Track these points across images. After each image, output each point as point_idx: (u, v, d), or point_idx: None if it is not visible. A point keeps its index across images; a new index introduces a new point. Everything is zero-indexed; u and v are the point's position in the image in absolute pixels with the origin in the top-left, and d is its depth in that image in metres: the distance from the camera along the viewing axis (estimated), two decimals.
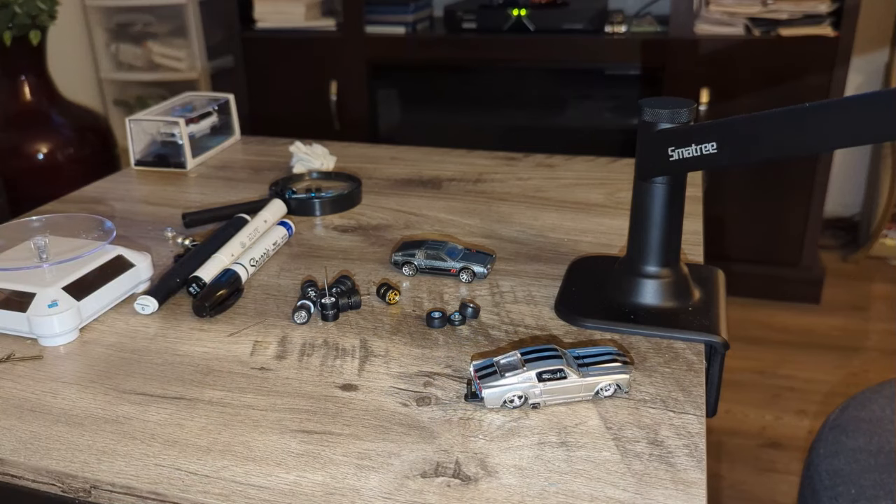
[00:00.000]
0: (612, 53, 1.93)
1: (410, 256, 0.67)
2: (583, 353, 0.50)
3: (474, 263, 0.65)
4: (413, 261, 0.66)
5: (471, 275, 0.65)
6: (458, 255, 0.66)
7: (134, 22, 2.48)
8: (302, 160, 0.95)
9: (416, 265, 0.66)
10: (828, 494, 0.80)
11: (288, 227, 0.75)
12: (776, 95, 1.82)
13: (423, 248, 0.67)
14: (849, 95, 0.44)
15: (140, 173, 0.98)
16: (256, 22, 2.15)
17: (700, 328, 0.55)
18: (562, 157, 0.99)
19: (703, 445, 0.45)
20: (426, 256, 0.66)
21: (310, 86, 2.13)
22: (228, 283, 0.63)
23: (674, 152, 0.52)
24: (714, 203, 1.93)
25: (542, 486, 0.42)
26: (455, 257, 0.66)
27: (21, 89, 1.92)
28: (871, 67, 2.20)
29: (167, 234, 0.77)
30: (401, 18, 2.05)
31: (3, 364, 0.56)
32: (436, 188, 0.89)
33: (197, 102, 1.05)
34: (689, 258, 0.69)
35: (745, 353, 1.81)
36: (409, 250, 0.67)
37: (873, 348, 1.82)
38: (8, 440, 0.47)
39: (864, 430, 0.86)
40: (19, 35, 1.83)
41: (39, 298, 0.57)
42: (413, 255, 0.67)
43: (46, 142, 1.91)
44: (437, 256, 0.66)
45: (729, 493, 1.40)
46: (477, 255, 0.67)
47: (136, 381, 0.53)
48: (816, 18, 1.78)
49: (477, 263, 0.65)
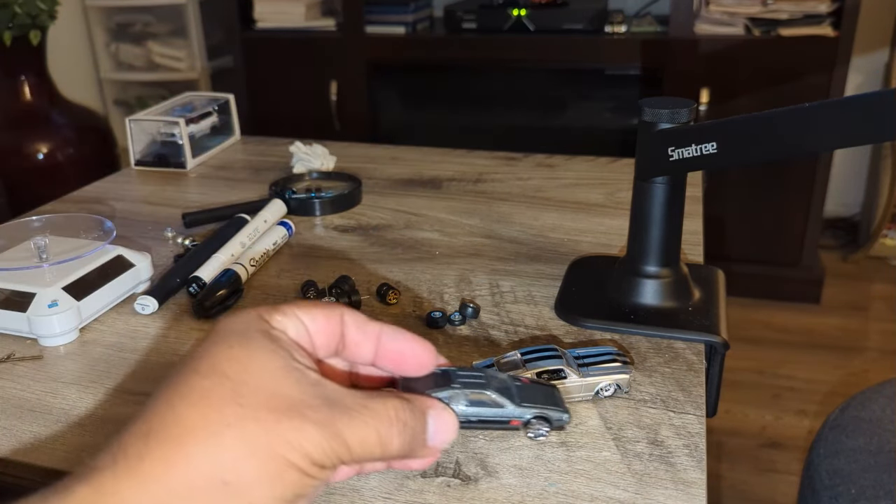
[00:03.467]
0: (612, 53, 1.93)
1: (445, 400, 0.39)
2: (583, 353, 0.50)
3: (546, 406, 0.41)
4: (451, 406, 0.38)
5: (544, 425, 0.41)
6: (513, 393, 0.40)
7: (134, 22, 2.48)
8: (302, 160, 0.95)
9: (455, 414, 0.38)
10: (828, 494, 0.80)
11: (288, 227, 0.75)
12: (776, 95, 1.82)
13: (456, 387, 0.38)
14: (849, 95, 0.44)
15: (140, 173, 0.98)
16: (256, 22, 2.15)
17: (700, 328, 0.55)
18: (562, 157, 0.99)
19: (703, 445, 0.45)
20: (469, 401, 0.38)
21: (310, 86, 2.13)
22: (228, 283, 0.63)
23: (674, 152, 0.52)
24: (714, 203, 1.93)
25: (542, 486, 0.42)
26: (510, 397, 0.40)
27: (21, 89, 1.92)
28: (871, 67, 2.20)
29: (167, 234, 0.77)
30: (401, 18, 2.05)
31: (3, 364, 0.56)
32: (436, 188, 0.89)
33: (197, 102, 1.05)
34: (689, 258, 0.69)
35: (745, 353, 1.81)
36: (439, 390, 0.38)
37: (873, 348, 1.82)
38: (8, 440, 0.47)
39: (864, 430, 0.86)
40: (19, 35, 1.83)
41: (39, 298, 0.57)
42: (447, 397, 0.38)
43: (46, 142, 1.91)
44: (483, 398, 0.39)
45: (729, 493, 1.40)
46: (538, 390, 0.42)
47: (136, 381, 0.53)
48: (816, 18, 1.78)
49: (548, 405, 0.41)
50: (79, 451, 0.46)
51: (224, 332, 0.32)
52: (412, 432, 0.32)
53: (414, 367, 0.37)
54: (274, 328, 0.32)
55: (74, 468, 0.30)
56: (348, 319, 0.35)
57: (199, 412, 0.28)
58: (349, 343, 0.35)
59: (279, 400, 0.29)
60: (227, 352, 0.30)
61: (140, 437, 0.28)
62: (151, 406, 0.29)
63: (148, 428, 0.28)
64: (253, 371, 0.30)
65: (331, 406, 0.30)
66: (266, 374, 0.30)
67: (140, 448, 0.28)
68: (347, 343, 0.35)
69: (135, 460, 0.27)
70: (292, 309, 0.34)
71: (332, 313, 0.35)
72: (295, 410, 0.29)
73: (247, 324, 0.32)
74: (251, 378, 0.29)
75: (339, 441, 0.29)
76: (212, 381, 0.29)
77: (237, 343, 0.31)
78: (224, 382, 0.29)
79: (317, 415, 0.29)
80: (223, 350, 0.30)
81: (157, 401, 0.29)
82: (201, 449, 0.27)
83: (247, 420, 0.28)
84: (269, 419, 0.28)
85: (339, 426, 0.30)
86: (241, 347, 0.31)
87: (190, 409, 0.28)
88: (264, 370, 0.30)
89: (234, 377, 0.29)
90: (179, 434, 0.28)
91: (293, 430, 0.29)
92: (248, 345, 0.31)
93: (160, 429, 0.28)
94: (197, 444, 0.28)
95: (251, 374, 0.30)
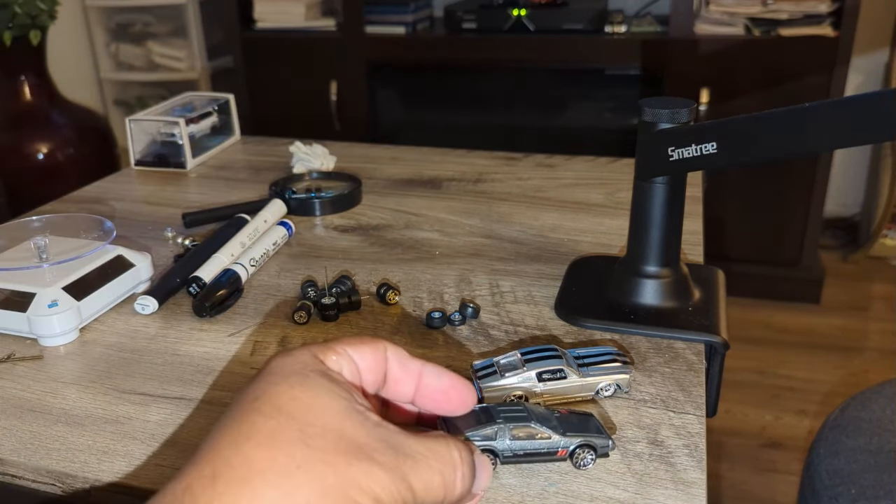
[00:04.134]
0: (612, 54, 1.93)
1: (487, 440, 0.40)
2: (583, 353, 0.50)
3: (590, 434, 0.42)
4: (496, 448, 0.40)
5: (591, 454, 0.42)
6: (555, 424, 0.41)
7: (134, 22, 2.48)
8: (302, 160, 0.95)
9: (499, 455, 0.40)
10: (828, 494, 0.80)
11: (288, 227, 0.75)
12: (776, 95, 1.82)
13: (500, 422, 0.39)
14: (849, 95, 0.44)
15: (140, 173, 0.98)
16: (256, 22, 2.15)
17: (700, 328, 0.55)
18: (562, 157, 0.99)
19: (703, 445, 0.45)
20: (513, 436, 0.40)
21: (310, 86, 2.13)
22: (228, 283, 0.63)
23: (674, 152, 0.52)
24: (714, 203, 1.93)
25: (542, 486, 0.42)
26: (553, 427, 0.41)
27: (21, 89, 1.92)
28: (871, 67, 2.20)
29: (167, 234, 0.77)
30: (401, 18, 2.05)
31: (3, 364, 0.56)
32: (436, 188, 0.89)
33: (197, 102, 1.05)
34: (689, 258, 0.69)
35: (745, 353, 1.81)
36: (482, 427, 0.39)
37: (873, 348, 1.82)
38: (8, 440, 0.47)
39: (864, 430, 0.86)
40: (19, 35, 1.83)
41: (39, 298, 0.57)
42: (492, 434, 0.39)
43: (46, 142, 1.91)
44: (529, 431, 0.40)
45: (729, 493, 1.40)
46: (578, 419, 0.43)
47: (136, 381, 0.53)
48: (816, 18, 1.78)
49: (591, 433, 0.42)
50: (79, 451, 0.46)
51: (281, 372, 0.31)
52: (472, 476, 0.32)
53: (456, 407, 0.36)
54: (331, 369, 0.32)
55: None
56: (391, 356, 0.35)
57: (266, 453, 0.27)
58: (390, 380, 0.35)
59: (347, 442, 0.29)
60: (289, 392, 0.30)
61: (206, 480, 0.27)
62: (213, 446, 0.28)
63: (213, 470, 0.27)
64: (318, 412, 0.29)
65: (396, 450, 0.30)
66: (331, 415, 0.29)
67: (208, 492, 0.27)
68: (388, 380, 0.35)
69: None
70: (343, 347, 0.33)
71: (378, 350, 0.34)
72: (363, 454, 0.29)
73: (303, 364, 0.31)
74: (317, 419, 0.29)
75: (406, 485, 0.29)
76: (277, 421, 0.28)
77: (298, 384, 0.30)
78: (290, 423, 0.28)
79: (384, 458, 0.29)
80: (285, 390, 0.30)
81: (220, 441, 0.28)
82: (272, 491, 0.27)
83: (316, 462, 0.28)
84: (340, 462, 0.28)
85: (405, 469, 0.29)
86: (303, 388, 0.30)
87: (257, 449, 0.28)
88: (329, 411, 0.30)
89: (300, 418, 0.29)
90: (248, 476, 0.27)
91: (363, 474, 0.28)
92: (310, 385, 0.30)
93: (226, 470, 0.27)
94: (266, 486, 0.27)
95: (317, 415, 0.29)
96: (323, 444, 0.28)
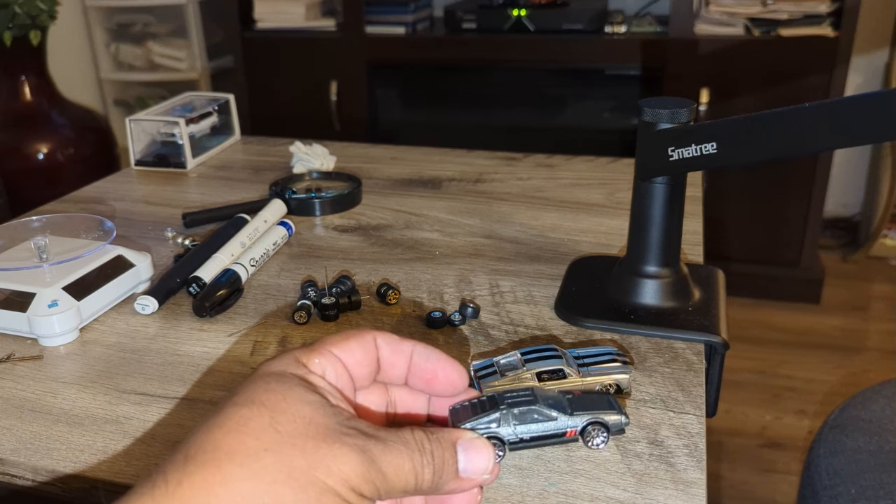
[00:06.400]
0: (611, 53, 1.93)
1: (491, 427, 0.38)
2: (583, 353, 0.50)
3: (601, 411, 0.40)
4: (500, 435, 0.38)
5: (602, 432, 0.40)
6: (564, 405, 0.40)
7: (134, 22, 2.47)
8: (302, 160, 0.95)
9: (505, 442, 0.38)
10: (828, 494, 0.80)
11: (288, 227, 0.75)
12: (776, 95, 1.82)
13: (503, 409, 0.38)
14: (849, 95, 0.44)
15: (140, 173, 0.98)
16: (256, 22, 2.15)
17: (700, 328, 0.55)
18: (562, 157, 0.99)
19: (703, 445, 0.45)
20: (519, 420, 0.38)
21: (310, 86, 2.13)
22: (228, 283, 0.63)
23: (674, 152, 0.52)
24: (714, 203, 1.93)
25: (542, 486, 0.42)
26: (562, 408, 0.39)
27: (21, 89, 1.92)
28: (871, 67, 2.20)
29: (167, 234, 0.77)
30: (401, 18, 2.05)
31: (3, 364, 0.56)
32: (436, 188, 0.89)
33: (197, 102, 1.05)
34: (689, 258, 0.69)
35: (745, 353, 1.81)
36: (485, 415, 0.38)
37: (873, 348, 1.82)
38: (8, 440, 0.47)
39: (864, 430, 0.86)
40: (19, 35, 1.83)
41: (39, 298, 0.57)
42: (494, 421, 0.38)
43: (46, 142, 1.91)
44: (533, 414, 0.38)
45: (729, 493, 1.40)
46: (591, 398, 0.41)
47: (136, 381, 0.53)
48: (816, 18, 1.78)
49: (602, 410, 0.40)
50: (79, 451, 0.46)
51: (263, 372, 0.33)
52: (441, 462, 0.33)
53: (445, 386, 0.37)
54: (312, 372, 0.33)
55: None
56: (381, 342, 0.36)
57: (236, 437, 0.29)
58: (384, 364, 0.36)
59: (316, 427, 0.30)
60: (265, 385, 0.31)
61: (179, 463, 0.28)
62: (191, 436, 0.30)
63: (185, 455, 0.29)
64: (290, 401, 0.31)
65: (365, 435, 0.31)
66: (303, 405, 0.31)
67: (179, 473, 0.28)
68: (382, 364, 0.36)
69: (174, 485, 0.28)
70: (327, 348, 0.34)
71: (366, 340, 0.35)
72: (333, 436, 0.30)
73: (285, 366, 0.33)
74: (289, 407, 0.30)
75: (375, 468, 0.30)
76: (249, 409, 0.30)
77: (274, 380, 0.32)
78: (262, 411, 0.30)
79: (353, 441, 0.30)
80: (261, 385, 0.32)
81: (197, 432, 0.30)
82: (239, 472, 0.28)
83: (284, 445, 0.29)
84: (308, 445, 0.29)
85: (375, 452, 0.30)
86: (279, 383, 0.32)
87: (228, 434, 0.29)
88: (302, 401, 0.31)
89: (272, 406, 0.30)
90: (218, 458, 0.28)
91: (332, 456, 0.29)
92: (286, 381, 0.32)
93: (198, 454, 0.29)
94: (234, 466, 0.28)
95: (289, 403, 0.30)
96: (292, 430, 0.29)
